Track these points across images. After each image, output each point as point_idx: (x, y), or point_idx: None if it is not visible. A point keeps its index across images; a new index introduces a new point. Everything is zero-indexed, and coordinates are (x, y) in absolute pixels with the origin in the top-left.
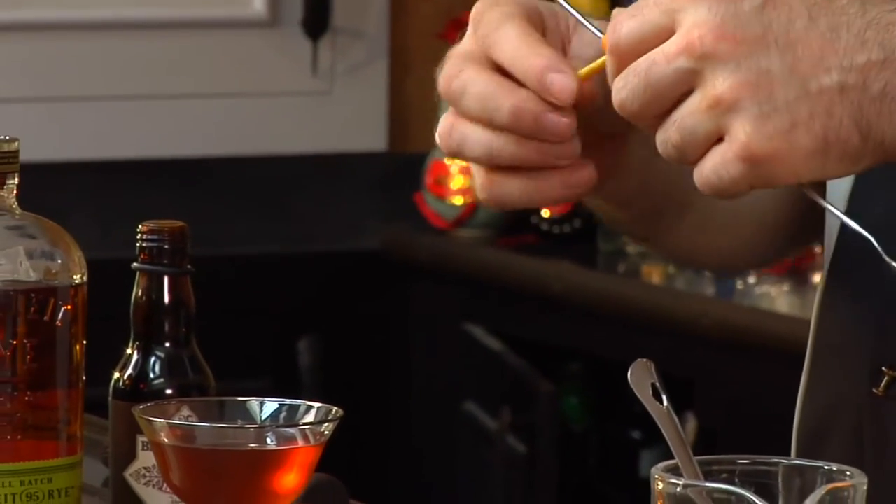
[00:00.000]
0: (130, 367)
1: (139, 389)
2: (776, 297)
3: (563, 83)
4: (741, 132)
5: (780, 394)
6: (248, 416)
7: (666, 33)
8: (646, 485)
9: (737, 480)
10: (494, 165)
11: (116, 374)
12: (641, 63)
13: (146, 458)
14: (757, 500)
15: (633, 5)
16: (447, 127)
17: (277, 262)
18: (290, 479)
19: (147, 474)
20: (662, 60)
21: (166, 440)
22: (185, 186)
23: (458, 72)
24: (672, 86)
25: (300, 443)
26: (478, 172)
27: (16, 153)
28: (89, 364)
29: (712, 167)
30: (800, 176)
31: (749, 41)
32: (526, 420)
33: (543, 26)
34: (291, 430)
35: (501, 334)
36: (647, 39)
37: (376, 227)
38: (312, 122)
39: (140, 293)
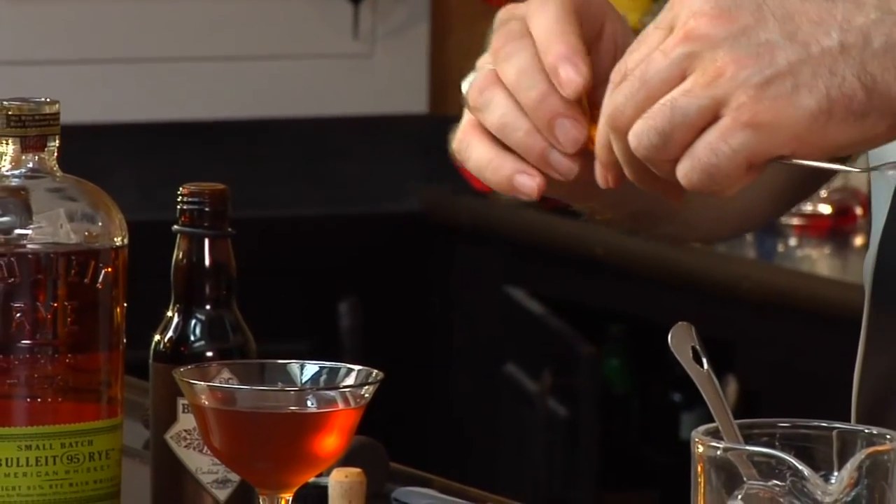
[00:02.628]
0: (171, 330)
1: (180, 352)
2: (817, 259)
3: (569, 76)
4: (743, 96)
5: (823, 356)
6: (288, 378)
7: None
8: (687, 447)
9: (777, 444)
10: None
11: (157, 337)
12: (639, 66)
13: (187, 421)
14: (797, 464)
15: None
16: (483, 84)
17: (319, 225)
18: (331, 442)
19: (187, 437)
20: (659, 56)
21: (207, 403)
22: (227, 149)
23: (515, 37)
24: (670, 79)
25: (340, 405)
26: (462, 126)
27: (56, 115)
28: (130, 326)
29: (707, 146)
30: (802, 140)
31: (746, 19)
32: (567, 383)
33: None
34: (332, 393)
35: (543, 297)
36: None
37: (418, 190)
38: (354, 85)
39: (181, 255)
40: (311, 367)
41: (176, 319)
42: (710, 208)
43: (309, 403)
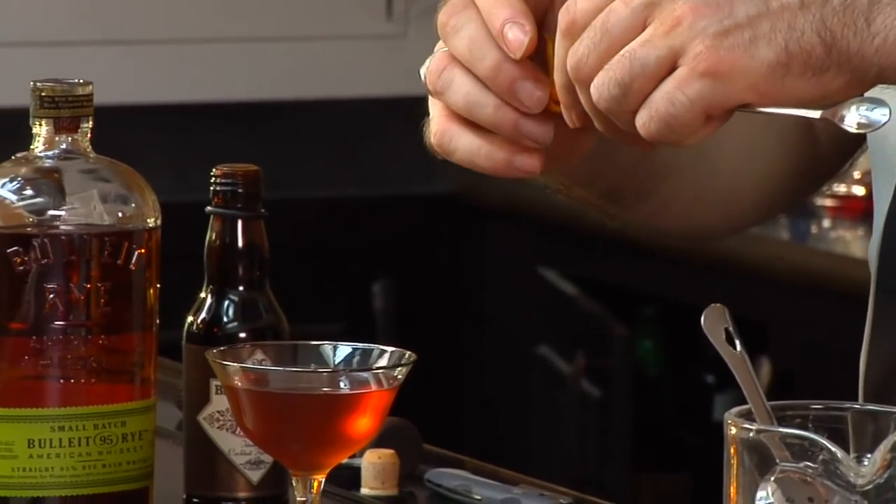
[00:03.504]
0: (204, 311)
1: (213, 333)
2: (851, 241)
3: (515, 37)
4: (700, 45)
5: (856, 337)
6: (321, 360)
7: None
8: (720, 429)
9: (810, 426)
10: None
11: (190, 318)
12: (599, 16)
13: (219, 402)
14: (830, 446)
15: None
16: (439, 66)
17: (352, 206)
18: (364, 424)
19: (220, 418)
20: (620, 5)
21: (240, 384)
22: (260, 130)
23: (459, 9)
24: (631, 28)
25: (373, 387)
26: (436, 118)
27: (90, 96)
28: (163, 307)
29: (664, 95)
30: (759, 91)
31: None
32: (600, 364)
33: None
34: (365, 375)
35: (576, 278)
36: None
37: (451, 171)
38: (387, 66)
39: (214, 237)
40: (344, 349)
41: (209, 301)
42: (686, 186)
43: (342, 385)
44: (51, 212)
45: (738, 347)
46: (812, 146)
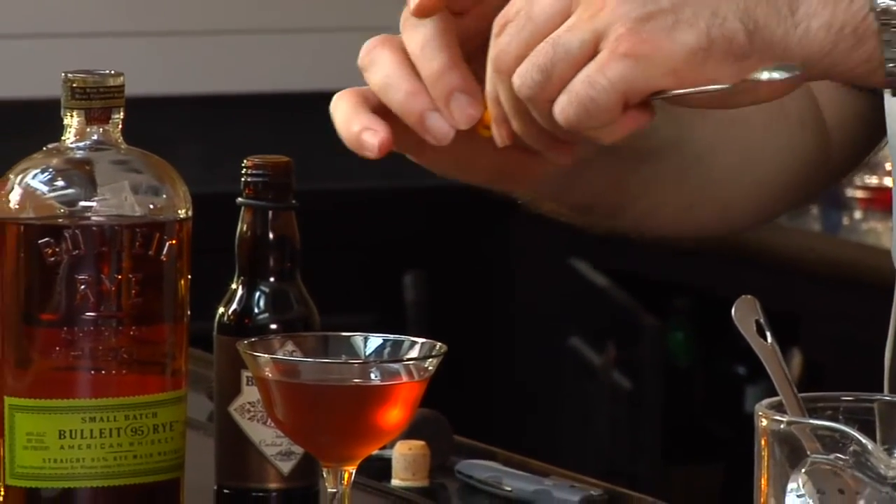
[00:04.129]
0: (235, 302)
1: (244, 324)
2: (882, 232)
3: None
4: (621, 28)
5: (888, 329)
6: (352, 351)
7: None
8: (751, 420)
9: (841, 417)
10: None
11: (221, 309)
12: (524, 5)
13: (250, 393)
14: (860, 437)
15: None
16: (372, 44)
17: (383, 197)
18: (394, 415)
19: (251, 409)
20: None
21: (270, 375)
22: (291, 121)
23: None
24: (555, 15)
25: (404, 378)
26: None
27: (121, 88)
28: (194, 299)
29: (584, 78)
30: (679, 76)
31: None
32: (631, 356)
33: None
34: (395, 366)
35: (607, 269)
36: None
37: None
38: None
39: (245, 228)
40: (375, 340)
41: (240, 292)
42: (673, 197)
43: (373, 376)
44: (82, 203)
45: (769, 339)
46: (823, 148)
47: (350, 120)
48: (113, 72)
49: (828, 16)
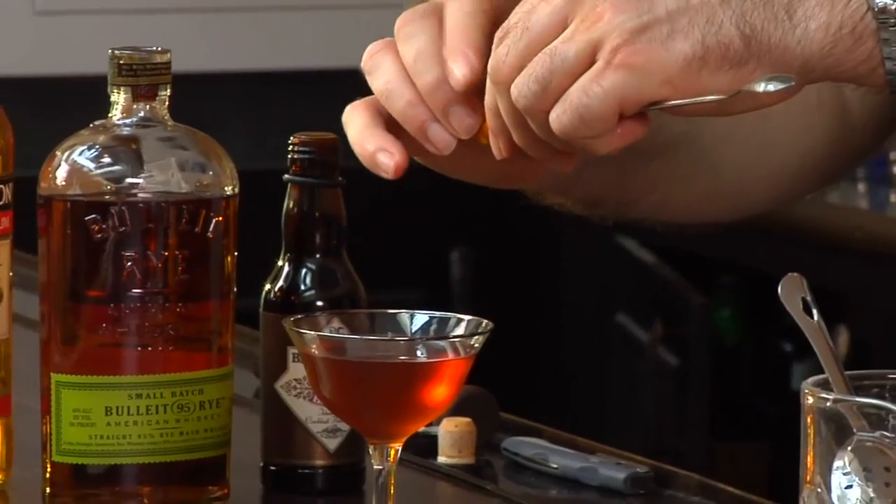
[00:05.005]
0: (281, 279)
1: (290, 301)
2: None
3: (459, 69)
4: (617, 39)
5: None
6: (398, 328)
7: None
8: (798, 397)
9: (887, 395)
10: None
11: (267, 286)
12: (522, 17)
13: (297, 370)
14: None
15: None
16: (375, 48)
17: (430, 174)
18: (440, 392)
19: (297, 386)
20: (543, 5)
21: (317, 352)
22: (338, 97)
23: (418, 17)
24: (552, 26)
25: (450, 355)
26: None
27: (168, 64)
28: (241, 275)
29: (580, 88)
30: (675, 85)
31: None
32: (678, 333)
33: None
34: (442, 343)
35: (654, 246)
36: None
37: None
38: None
39: (291, 205)
40: (421, 317)
41: (286, 269)
42: (685, 188)
43: (419, 353)
44: (129, 180)
45: (816, 317)
46: (841, 128)
47: (364, 138)
48: (160, 48)
49: (825, 17)
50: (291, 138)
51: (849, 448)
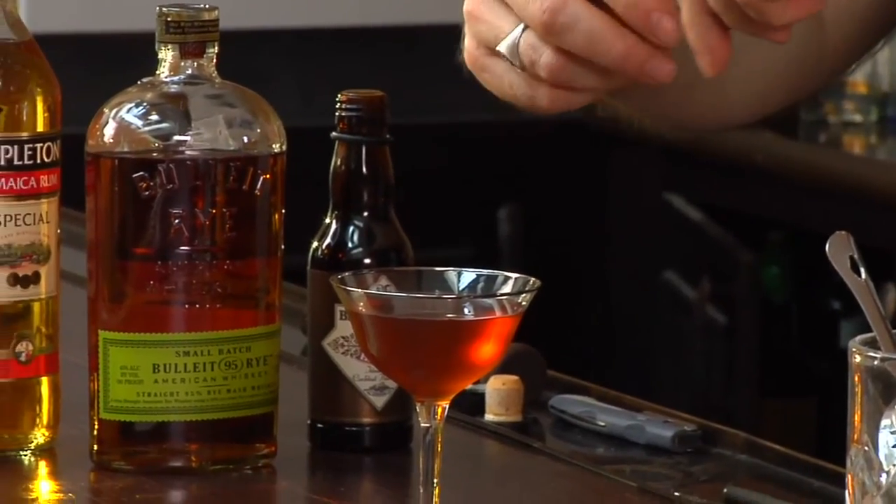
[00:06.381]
0: (329, 237)
1: (337, 259)
2: None
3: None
4: None
5: None
6: (445, 286)
7: None
8: (846, 355)
9: None
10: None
11: (315, 244)
12: None
13: (344, 328)
14: None
15: None
16: (557, 4)
17: (479, 132)
18: (488, 350)
19: (345, 343)
20: None
21: (364, 310)
22: (386, 55)
23: (563, 5)
24: None
25: (497, 313)
26: (534, 85)
27: (215, 21)
28: (288, 233)
29: None
30: None
31: None
32: (726, 290)
33: None
34: (489, 301)
35: (702, 204)
36: None
37: None
38: None
39: (339, 162)
40: (469, 275)
41: (334, 226)
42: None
43: (466, 311)
44: (176, 137)
45: (863, 275)
46: (818, 43)
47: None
48: (207, 6)
49: None
50: (339, 96)
51: None
